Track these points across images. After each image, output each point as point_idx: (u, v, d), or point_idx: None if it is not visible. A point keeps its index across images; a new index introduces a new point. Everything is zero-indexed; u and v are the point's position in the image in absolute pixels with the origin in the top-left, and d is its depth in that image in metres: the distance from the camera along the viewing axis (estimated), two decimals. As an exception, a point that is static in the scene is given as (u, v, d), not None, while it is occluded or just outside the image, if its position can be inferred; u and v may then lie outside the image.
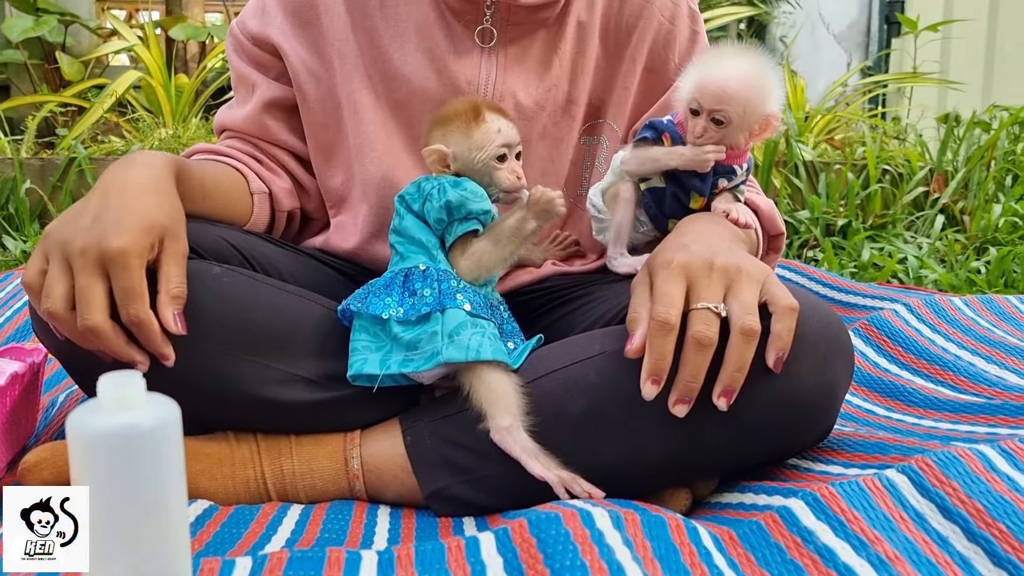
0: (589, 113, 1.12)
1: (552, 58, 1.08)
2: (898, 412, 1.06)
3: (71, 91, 2.99)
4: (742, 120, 0.91)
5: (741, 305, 0.79)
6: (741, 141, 0.94)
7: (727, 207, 0.94)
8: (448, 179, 0.92)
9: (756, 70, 0.91)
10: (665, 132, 0.96)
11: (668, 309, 0.79)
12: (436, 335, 0.85)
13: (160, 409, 0.55)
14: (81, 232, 0.80)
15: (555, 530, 0.67)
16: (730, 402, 0.79)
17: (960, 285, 1.92)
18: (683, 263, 0.82)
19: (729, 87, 0.90)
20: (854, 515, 0.71)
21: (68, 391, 1.19)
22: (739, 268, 0.81)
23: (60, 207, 2.25)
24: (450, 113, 0.95)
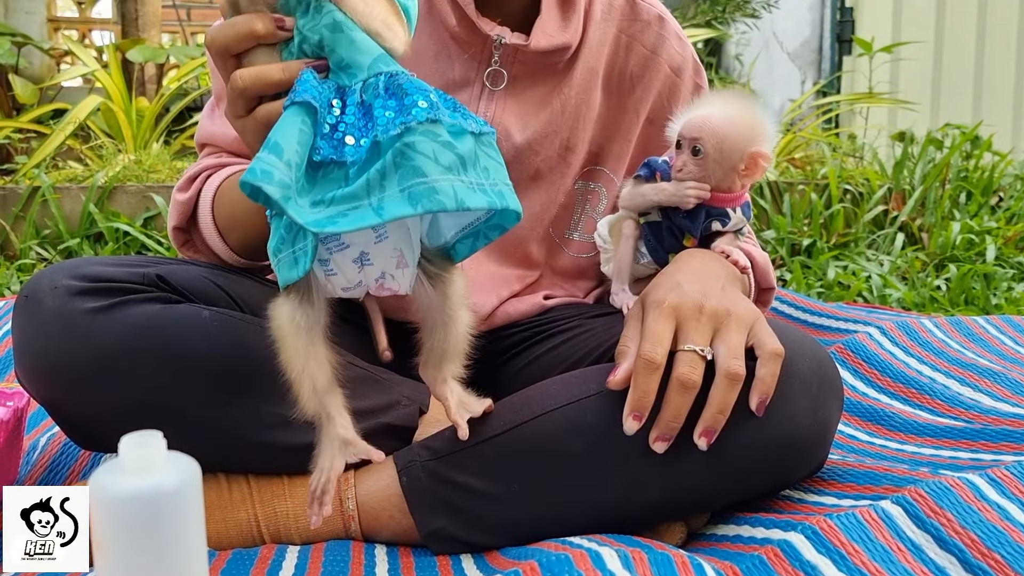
0: (587, 160, 1.11)
1: (553, 102, 1.06)
2: (880, 438, 1.09)
3: (28, 116, 2.94)
4: (720, 154, 0.93)
5: (728, 348, 0.81)
6: (726, 181, 0.95)
7: (727, 248, 0.96)
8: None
9: (738, 108, 0.94)
10: (657, 171, 0.98)
11: (655, 348, 0.81)
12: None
13: (181, 469, 0.55)
14: None
15: (568, 572, 0.68)
16: (710, 442, 0.81)
17: (923, 303, 1.97)
18: (674, 304, 0.84)
19: (708, 118, 0.93)
20: (854, 548, 0.73)
21: (49, 433, 1.17)
22: (728, 312, 0.83)
23: (24, 238, 2.21)
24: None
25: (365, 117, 0.68)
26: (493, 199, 0.68)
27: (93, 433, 0.94)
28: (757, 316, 0.85)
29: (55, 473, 1.09)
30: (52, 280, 0.89)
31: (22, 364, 0.91)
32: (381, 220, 0.64)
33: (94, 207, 2.26)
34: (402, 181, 0.65)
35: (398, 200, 0.64)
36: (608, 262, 1.08)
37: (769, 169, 0.98)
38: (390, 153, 0.65)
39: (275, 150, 0.65)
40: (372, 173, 0.65)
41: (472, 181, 0.67)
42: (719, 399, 0.80)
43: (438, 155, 0.65)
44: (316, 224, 0.64)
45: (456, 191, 0.65)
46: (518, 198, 1.06)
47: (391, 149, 0.65)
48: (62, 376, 0.87)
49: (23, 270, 2.14)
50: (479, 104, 1.05)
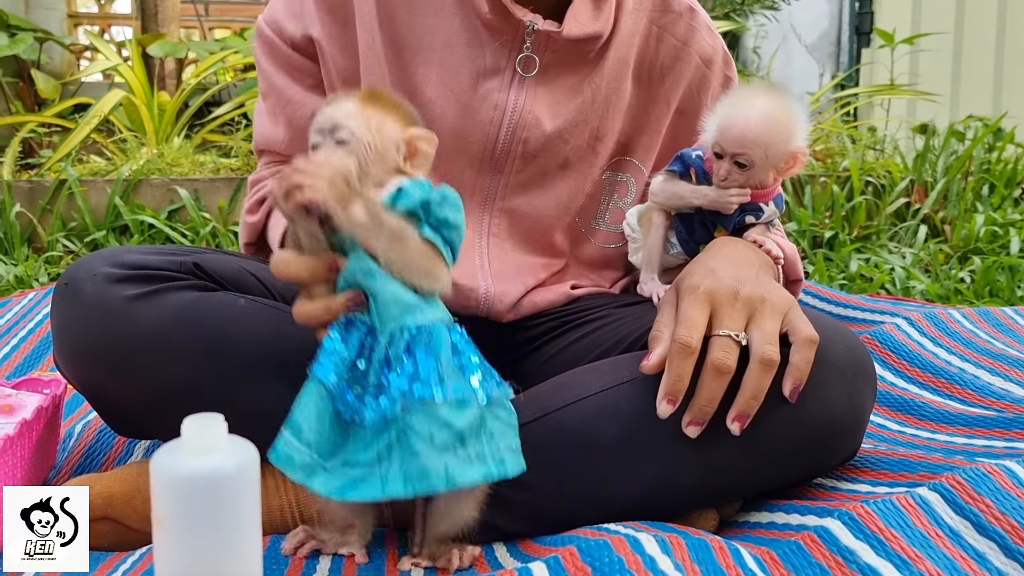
0: (616, 150, 1.11)
1: (584, 90, 1.06)
2: (911, 427, 1.09)
3: (52, 111, 2.96)
4: (765, 161, 0.93)
5: (762, 334, 0.81)
6: (767, 180, 0.95)
7: (759, 237, 0.96)
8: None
9: (776, 110, 0.92)
10: (692, 167, 0.98)
11: (690, 332, 0.81)
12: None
13: (241, 452, 0.56)
14: None
15: (608, 557, 0.69)
16: (743, 427, 0.81)
17: (947, 295, 1.97)
18: (709, 290, 0.84)
19: (749, 130, 0.91)
20: (892, 534, 0.73)
21: (84, 421, 1.18)
22: (763, 298, 0.84)
23: (51, 230, 2.23)
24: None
25: (388, 375, 0.73)
26: (491, 469, 0.73)
27: (130, 419, 0.95)
28: (791, 303, 0.86)
29: (91, 460, 1.10)
30: (91, 268, 0.91)
31: (61, 350, 0.92)
32: (384, 496, 0.72)
33: (119, 200, 2.28)
34: (402, 459, 0.72)
35: (398, 477, 0.72)
36: (637, 252, 1.08)
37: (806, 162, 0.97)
38: (394, 430, 0.72)
39: (295, 431, 0.74)
40: (382, 446, 0.73)
41: (471, 453, 0.73)
42: (753, 384, 0.80)
43: (434, 435, 0.71)
44: (337, 492, 0.73)
45: (448, 469, 0.71)
46: (547, 186, 1.07)
47: (395, 425, 0.72)
48: (101, 362, 0.89)
49: (50, 262, 2.17)
50: (509, 92, 1.04)
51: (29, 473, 0.94)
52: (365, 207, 0.72)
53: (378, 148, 0.76)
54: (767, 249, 0.96)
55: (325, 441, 0.74)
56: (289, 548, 0.83)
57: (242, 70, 3.43)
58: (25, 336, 1.48)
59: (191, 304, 0.90)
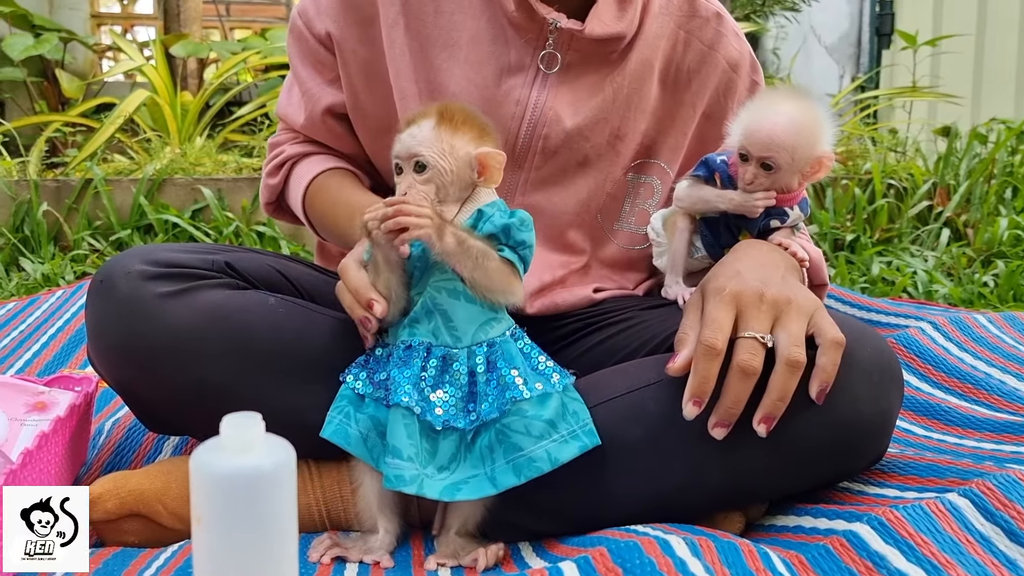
0: (639, 152, 1.11)
1: (605, 89, 1.07)
2: (938, 432, 1.08)
3: (76, 110, 2.99)
4: (791, 165, 0.93)
5: (788, 336, 0.81)
6: (793, 184, 0.95)
7: (784, 240, 0.96)
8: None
9: (804, 114, 0.92)
10: (717, 172, 0.98)
11: (716, 334, 0.81)
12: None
13: (278, 451, 0.57)
14: None
15: (639, 559, 0.69)
16: (770, 429, 0.81)
17: (971, 299, 1.95)
18: (735, 292, 0.84)
19: (776, 134, 0.91)
20: (923, 539, 0.73)
21: (114, 418, 1.20)
22: (789, 300, 0.84)
23: (77, 229, 2.26)
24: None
25: (470, 382, 0.84)
26: (584, 443, 0.83)
27: (161, 416, 0.97)
28: (817, 305, 0.86)
29: (120, 457, 1.12)
30: (126, 265, 0.92)
31: (96, 346, 0.94)
32: (496, 490, 0.82)
33: (144, 199, 2.30)
34: (506, 455, 0.82)
35: (507, 471, 0.82)
36: (661, 256, 1.08)
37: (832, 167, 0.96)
38: (493, 431, 0.82)
39: (396, 454, 0.82)
40: (484, 447, 0.83)
41: (564, 432, 0.83)
42: (779, 386, 0.80)
43: (529, 428, 0.82)
44: (447, 493, 0.82)
45: (550, 453, 0.82)
46: (567, 183, 1.08)
47: (493, 428, 0.82)
48: (134, 358, 0.90)
49: (76, 260, 2.19)
50: (532, 89, 1.05)
51: (63, 470, 0.95)
52: (455, 236, 0.80)
53: (454, 171, 0.83)
54: (793, 251, 0.96)
55: (422, 452, 0.83)
56: (315, 556, 0.85)
57: (263, 71, 3.45)
58: (54, 334, 1.50)
59: (222, 302, 0.91)
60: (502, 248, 0.84)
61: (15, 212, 2.28)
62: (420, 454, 0.83)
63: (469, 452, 0.84)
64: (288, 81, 1.19)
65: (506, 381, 0.83)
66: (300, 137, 1.18)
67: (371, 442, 0.85)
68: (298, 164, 1.17)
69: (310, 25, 1.11)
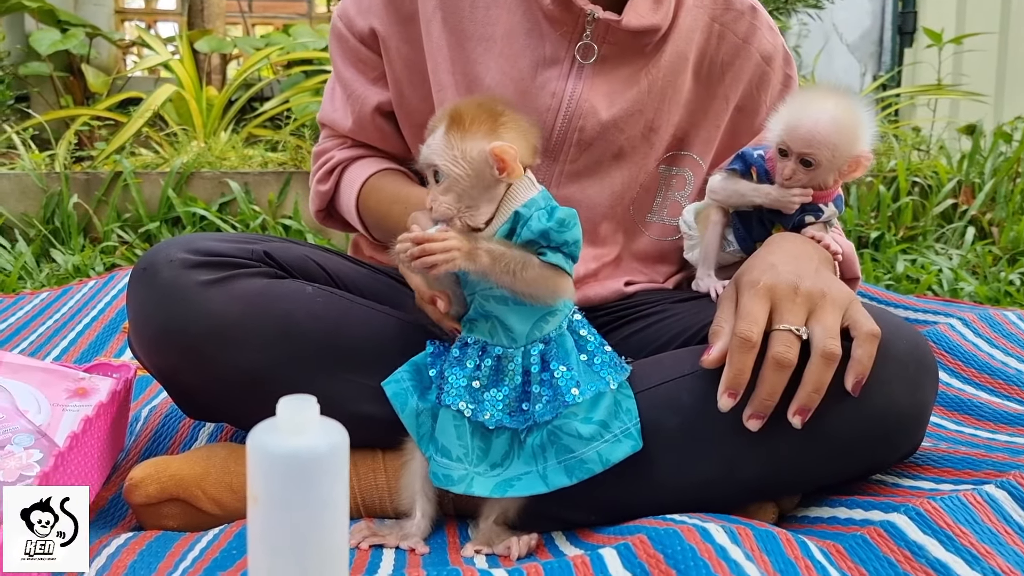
0: (672, 144, 1.12)
1: (640, 81, 1.07)
2: (969, 427, 1.09)
3: (103, 104, 3.02)
4: (831, 162, 0.93)
5: (824, 329, 0.82)
6: (829, 181, 0.95)
7: (818, 234, 0.96)
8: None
9: (847, 112, 0.92)
10: (753, 166, 0.98)
11: (751, 327, 0.82)
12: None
13: (333, 434, 0.58)
14: None
15: (680, 546, 0.70)
16: (804, 420, 0.82)
17: (997, 297, 1.95)
18: (769, 285, 0.85)
19: (819, 131, 0.91)
20: (961, 530, 0.73)
21: (150, 406, 1.21)
22: (824, 293, 0.84)
23: (106, 221, 2.28)
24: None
25: (524, 380, 0.85)
26: (637, 443, 0.85)
27: (201, 402, 0.98)
28: (852, 298, 0.86)
29: (157, 444, 1.13)
30: (168, 253, 0.94)
31: (138, 333, 0.95)
32: (548, 489, 0.83)
33: (172, 192, 2.32)
34: (558, 456, 0.83)
35: (558, 471, 0.83)
36: (692, 249, 1.09)
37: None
38: (545, 432, 0.84)
39: (445, 453, 0.84)
40: (536, 447, 0.84)
41: (617, 431, 0.84)
42: (814, 378, 0.81)
43: (580, 432, 0.83)
44: (499, 490, 0.84)
45: (601, 454, 0.83)
46: (601, 175, 1.09)
47: (546, 429, 0.84)
48: (176, 344, 0.92)
49: (106, 252, 2.21)
50: (567, 81, 1.06)
51: (104, 455, 0.97)
52: (488, 254, 0.80)
53: (470, 174, 0.82)
54: (826, 244, 0.97)
55: (471, 452, 0.85)
56: (353, 542, 0.86)
57: (285, 66, 3.47)
58: (89, 323, 1.52)
59: (261, 291, 0.93)
60: (543, 252, 0.82)
61: (45, 204, 2.31)
62: (471, 453, 0.84)
63: (521, 449, 0.85)
64: (330, 87, 1.20)
65: (559, 384, 0.84)
66: (347, 142, 1.20)
67: (422, 420, 0.87)
68: (348, 168, 1.18)
69: (351, 25, 1.13)
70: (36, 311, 1.63)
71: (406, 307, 0.95)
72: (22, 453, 0.88)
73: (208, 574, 0.67)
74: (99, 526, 0.95)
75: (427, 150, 0.84)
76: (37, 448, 0.89)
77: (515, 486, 0.84)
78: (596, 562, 0.71)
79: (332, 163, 1.18)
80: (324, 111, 1.21)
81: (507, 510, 0.87)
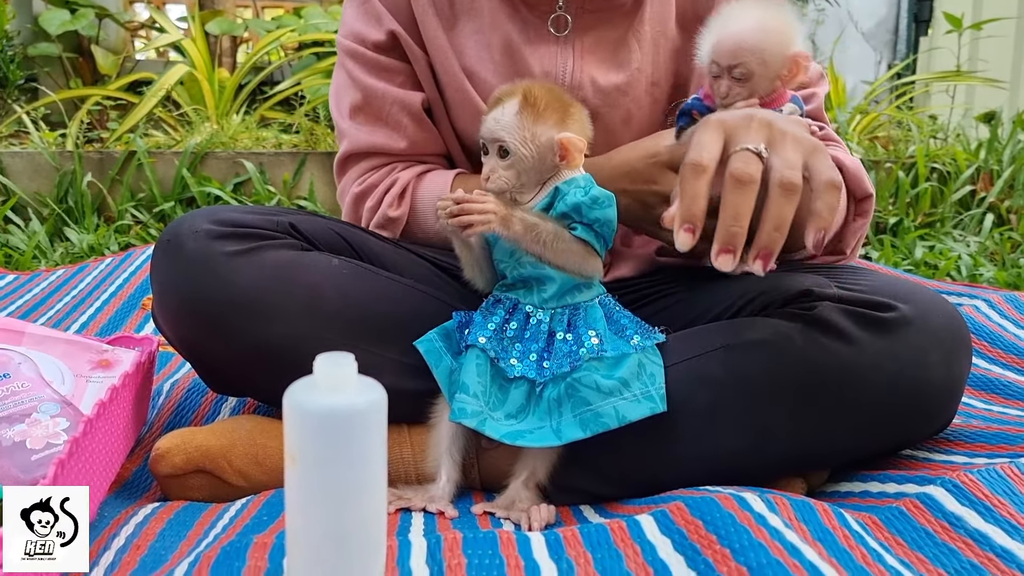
0: (673, 93, 1.11)
1: (631, 42, 1.06)
2: (998, 406, 1.08)
3: (115, 84, 3.01)
4: (764, 69, 0.88)
5: (782, 160, 0.73)
6: (770, 89, 0.90)
7: None
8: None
9: (768, 16, 0.88)
10: (694, 111, 0.93)
11: (699, 152, 0.74)
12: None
13: (371, 391, 0.57)
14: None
15: (718, 512, 0.69)
16: (767, 265, 0.73)
17: (1016, 283, 1.93)
18: (720, 118, 0.78)
19: (743, 38, 0.87)
20: (999, 500, 0.72)
21: (172, 379, 1.21)
22: (783, 130, 0.76)
23: (120, 201, 2.27)
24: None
25: (548, 341, 0.86)
26: (657, 405, 0.83)
27: (226, 375, 0.97)
28: (816, 146, 0.76)
29: (180, 417, 1.13)
30: (193, 224, 0.93)
31: (162, 305, 0.94)
32: (560, 442, 0.83)
33: (187, 172, 2.32)
34: (574, 409, 0.83)
35: (573, 425, 0.83)
36: None
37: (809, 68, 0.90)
38: (563, 385, 0.84)
39: (464, 389, 0.85)
40: (551, 401, 0.84)
41: (637, 392, 0.83)
42: (775, 214, 0.72)
43: (599, 384, 0.83)
44: (509, 437, 0.84)
45: (618, 410, 0.82)
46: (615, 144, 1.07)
47: (564, 382, 0.84)
48: (201, 316, 0.91)
49: (120, 231, 2.21)
50: (557, 59, 1.06)
51: (129, 426, 0.97)
52: (522, 223, 0.83)
53: (535, 156, 0.84)
54: None
55: (488, 394, 0.85)
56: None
57: (296, 48, 3.46)
58: (108, 299, 1.52)
59: (288, 262, 0.92)
60: (575, 226, 0.85)
61: (59, 183, 2.30)
62: (489, 395, 0.85)
63: (537, 405, 0.85)
64: (350, 117, 1.13)
65: (582, 341, 0.84)
66: (398, 165, 1.13)
67: (454, 379, 0.87)
68: (419, 185, 1.11)
69: (363, 40, 1.10)
70: (52, 288, 1.63)
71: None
72: (48, 421, 0.88)
73: (242, 537, 0.67)
74: (123, 498, 0.94)
75: (495, 124, 0.85)
76: (63, 416, 0.89)
77: (526, 437, 0.83)
78: (633, 527, 0.71)
79: (399, 186, 1.10)
80: (356, 141, 1.12)
81: (535, 471, 0.86)
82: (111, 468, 0.89)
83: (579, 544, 0.69)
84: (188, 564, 0.64)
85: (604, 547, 0.68)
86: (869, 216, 1.02)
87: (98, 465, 0.84)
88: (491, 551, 0.66)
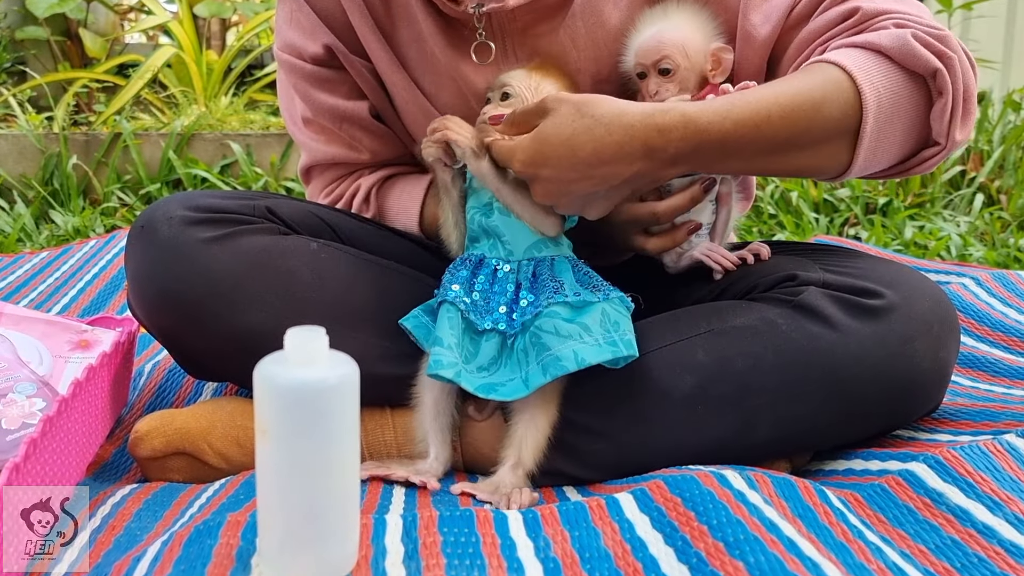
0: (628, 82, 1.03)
1: (563, 41, 0.98)
2: (984, 383, 1.07)
3: (103, 67, 2.98)
4: (688, 62, 0.91)
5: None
6: (696, 84, 0.92)
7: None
8: None
9: (683, 13, 0.92)
10: None
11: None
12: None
13: (342, 365, 0.56)
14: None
15: (697, 490, 0.69)
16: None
17: (1006, 263, 1.93)
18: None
19: (663, 34, 0.91)
20: (981, 477, 0.72)
21: (154, 360, 1.20)
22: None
23: (106, 183, 2.26)
24: None
25: (516, 294, 0.87)
26: (619, 350, 0.82)
27: (204, 362, 0.96)
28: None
29: (161, 398, 1.12)
30: (167, 211, 0.91)
31: (137, 294, 0.92)
32: (528, 390, 0.82)
33: (173, 154, 2.30)
34: (538, 356, 0.83)
35: (537, 371, 0.82)
36: None
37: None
38: (528, 335, 0.84)
39: (438, 342, 0.84)
40: (520, 352, 0.85)
41: (597, 338, 0.82)
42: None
43: (559, 328, 0.82)
44: (483, 390, 0.83)
45: (577, 353, 0.81)
46: None
47: (529, 331, 0.84)
48: (176, 304, 0.89)
49: (106, 214, 2.19)
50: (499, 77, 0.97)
51: (108, 406, 0.96)
52: (492, 161, 0.86)
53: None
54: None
55: (461, 347, 0.85)
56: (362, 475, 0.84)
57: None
58: (91, 280, 1.51)
59: (265, 247, 0.90)
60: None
61: (44, 165, 2.28)
62: (462, 348, 0.85)
63: (509, 358, 0.85)
64: (312, 131, 1.10)
65: (546, 291, 0.85)
66: (364, 171, 1.12)
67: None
68: (388, 193, 1.10)
69: (300, 53, 1.05)
70: (36, 269, 1.61)
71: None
72: (25, 401, 0.87)
73: (216, 516, 0.66)
74: (103, 480, 0.93)
75: (505, 75, 0.93)
76: (40, 397, 0.88)
77: (499, 390, 0.83)
78: (612, 505, 0.70)
79: (362, 192, 1.09)
80: (316, 153, 1.10)
81: (522, 458, 0.85)
82: (88, 449, 0.88)
83: (556, 522, 0.68)
84: (161, 543, 0.63)
85: (582, 525, 0.68)
86: (948, 93, 0.85)
87: (74, 445, 0.83)
88: (467, 528, 0.66)
